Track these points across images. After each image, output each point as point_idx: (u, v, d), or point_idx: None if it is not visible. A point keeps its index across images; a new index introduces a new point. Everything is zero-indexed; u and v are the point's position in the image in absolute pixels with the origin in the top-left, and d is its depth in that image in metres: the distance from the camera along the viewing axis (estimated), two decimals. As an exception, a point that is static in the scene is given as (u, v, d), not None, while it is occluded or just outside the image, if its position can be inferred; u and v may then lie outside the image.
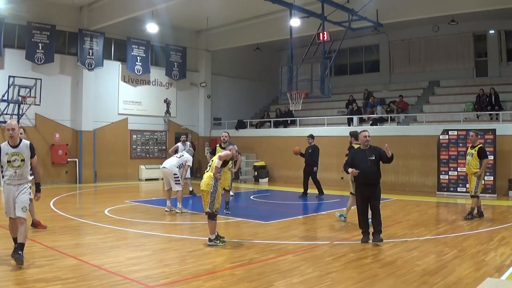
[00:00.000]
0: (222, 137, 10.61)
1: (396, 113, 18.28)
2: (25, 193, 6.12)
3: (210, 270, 5.84)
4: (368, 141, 7.48)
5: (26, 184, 6.20)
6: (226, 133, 10.70)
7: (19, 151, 6.15)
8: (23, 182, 6.15)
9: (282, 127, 21.02)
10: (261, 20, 19.42)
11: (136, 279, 5.35)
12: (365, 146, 7.51)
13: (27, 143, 6.32)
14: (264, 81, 24.77)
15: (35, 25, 16.96)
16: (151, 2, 15.85)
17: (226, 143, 10.17)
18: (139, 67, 20.06)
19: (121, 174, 19.56)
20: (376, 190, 7.43)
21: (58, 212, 10.62)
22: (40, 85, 16.55)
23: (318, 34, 14.31)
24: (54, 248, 6.84)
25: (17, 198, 6.00)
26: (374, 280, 5.45)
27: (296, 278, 5.51)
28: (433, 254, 6.68)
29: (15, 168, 6.08)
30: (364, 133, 7.55)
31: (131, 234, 8.27)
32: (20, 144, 6.19)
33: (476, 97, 16.87)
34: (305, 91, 13.27)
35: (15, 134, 6.10)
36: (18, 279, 5.27)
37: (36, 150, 6.63)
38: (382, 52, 22.69)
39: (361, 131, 7.83)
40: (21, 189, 6.08)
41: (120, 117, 19.76)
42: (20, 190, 6.07)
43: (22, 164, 6.16)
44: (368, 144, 7.51)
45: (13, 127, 6.08)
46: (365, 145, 7.51)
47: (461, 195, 14.37)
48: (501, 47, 19.27)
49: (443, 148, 15.03)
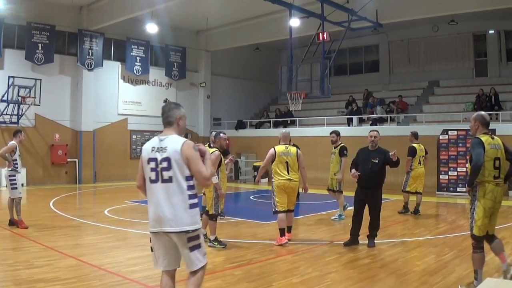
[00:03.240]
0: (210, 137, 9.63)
1: (395, 113, 18.29)
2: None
3: (210, 270, 5.83)
4: (373, 142, 7.19)
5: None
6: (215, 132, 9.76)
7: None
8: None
9: (281, 127, 20.99)
10: (261, 20, 19.42)
11: (136, 279, 5.35)
12: (372, 147, 7.23)
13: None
14: (264, 81, 24.76)
15: (35, 25, 16.96)
16: (151, 2, 15.85)
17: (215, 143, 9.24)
18: (138, 67, 20.06)
19: (121, 175, 19.54)
20: (375, 194, 7.12)
21: (58, 212, 10.61)
22: (40, 85, 16.55)
23: (317, 34, 14.30)
24: (54, 248, 6.83)
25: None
26: (374, 280, 5.45)
27: (296, 278, 5.51)
28: (433, 254, 6.68)
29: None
30: (370, 133, 7.28)
31: (131, 234, 8.27)
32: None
33: (476, 97, 16.89)
34: (305, 91, 13.26)
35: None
36: (18, 279, 5.27)
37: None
38: (381, 52, 22.71)
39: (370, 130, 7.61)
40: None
41: (120, 117, 19.76)
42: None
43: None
44: (376, 145, 7.23)
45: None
46: (372, 146, 7.23)
47: (461, 195, 14.36)
48: (501, 47, 19.29)
49: (443, 148, 15.04)
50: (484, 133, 4.96)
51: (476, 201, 4.84)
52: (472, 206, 4.92)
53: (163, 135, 3.78)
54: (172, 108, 3.81)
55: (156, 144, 3.74)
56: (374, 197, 7.12)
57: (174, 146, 3.65)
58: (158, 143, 3.73)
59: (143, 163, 3.80)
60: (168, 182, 3.65)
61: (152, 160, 3.71)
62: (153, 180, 3.73)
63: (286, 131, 8.00)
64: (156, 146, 3.73)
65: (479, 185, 4.81)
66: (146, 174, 3.79)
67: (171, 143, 3.68)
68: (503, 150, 4.93)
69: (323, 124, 19.13)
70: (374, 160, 7.06)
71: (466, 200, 13.55)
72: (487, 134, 4.95)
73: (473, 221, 4.89)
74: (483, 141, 4.82)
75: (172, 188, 3.65)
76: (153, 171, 3.71)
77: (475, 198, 4.87)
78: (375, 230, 7.20)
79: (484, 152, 4.76)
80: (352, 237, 7.25)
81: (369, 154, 7.20)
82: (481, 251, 4.93)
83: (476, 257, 4.95)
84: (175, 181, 3.65)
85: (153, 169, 3.71)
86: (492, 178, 4.79)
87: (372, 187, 7.09)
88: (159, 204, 3.70)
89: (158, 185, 3.70)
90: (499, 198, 4.85)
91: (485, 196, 4.78)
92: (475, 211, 4.85)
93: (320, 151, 14.20)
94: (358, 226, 7.25)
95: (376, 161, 7.03)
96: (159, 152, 3.69)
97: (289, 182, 7.29)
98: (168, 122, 3.80)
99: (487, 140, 4.84)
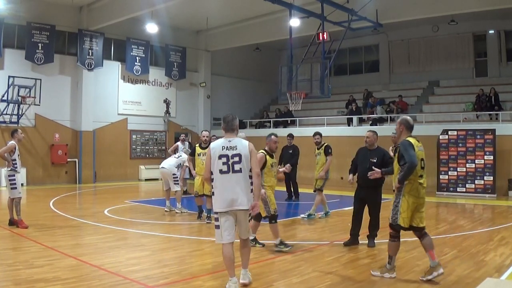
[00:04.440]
0: (202, 137, 9.46)
1: (395, 113, 18.28)
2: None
3: (210, 270, 5.83)
4: (366, 142, 7.20)
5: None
6: (206, 132, 9.53)
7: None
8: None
9: (282, 127, 21.00)
10: (261, 20, 19.43)
11: (136, 279, 5.35)
12: (369, 146, 7.22)
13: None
14: (264, 81, 24.77)
15: (35, 25, 16.96)
16: (150, 2, 15.85)
17: (206, 143, 9.16)
18: (138, 67, 20.06)
19: (121, 174, 19.55)
20: (374, 194, 7.10)
21: (58, 212, 10.61)
22: (40, 85, 16.55)
23: (317, 34, 14.30)
24: (54, 248, 6.83)
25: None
26: (374, 280, 5.45)
27: (296, 278, 5.51)
28: (433, 254, 6.67)
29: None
30: (366, 133, 7.34)
31: (131, 234, 8.27)
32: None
33: (476, 97, 16.88)
34: (305, 91, 13.26)
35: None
36: (18, 279, 5.27)
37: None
38: (381, 52, 22.71)
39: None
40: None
41: (119, 117, 19.76)
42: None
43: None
44: (372, 145, 7.21)
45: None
46: (369, 146, 7.22)
47: (461, 195, 14.38)
48: (501, 47, 19.28)
49: (443, 148, 15.04)
50: (410, 136, 5.42)
51: (402, 196, 5.34)
52: (397, 200, 5.41)
53: (228, 137, 5.03)
54: (234, 119, 5.10)
55: (226, 144, 4.96)
56: (373, 196, 7.11)
57: (243, 145, 4.97)
58: (228, 143, 4.97)
59: (213, 159, 4.94)
60: (238, 173, 4.90)
61: (224, 156, 4.91)
62: (224, 171, 4.89)
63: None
64: (226, 146, 4.95)
65: (407, 182, 5.29)
66: (217, 167, 4.92)
67: (239, 143, 4.97)
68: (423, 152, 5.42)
69: (323, 124, 19.12)
70: (372, 159, 7.04)
71: (466, 200, 13.57)
72: (412, 137, 5.42)
73: (397, 212, 5.40)
74: (412, 143, 5.27)
75: (240, 177, 4.90)
76: (225, 164, 4.90)
77: (400, 194, 5.37)
78: (375, 230, 7.21)
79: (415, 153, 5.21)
80: (352, 237, 7.26)
81: (368, 153, 7.21)
82: (398, 240, 5.48)
83: (393, 245, 5.51)
84: (243, 171, 4.91)
85: (224, 163, 4.90)
86: (418, 177, 5.30)
87: (372, 187, 7.06)
88: (232, 190, 4.87)
89: (230, 175, 4.89)
90: (422, 194, 5.37)
91: (410, 193, 5.30)
92: (399, 204, 5.37)
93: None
94: (358, 226, 7.25)
95: (374, 160, 7.01)
96: (230, 150, 4.93)
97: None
98: (232, 128, 5.07)
99: (414, 142, 5.32)
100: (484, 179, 14.24)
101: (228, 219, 4.94)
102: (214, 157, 4.94)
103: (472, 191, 14.37)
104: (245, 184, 4.93)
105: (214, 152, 4.96)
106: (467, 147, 14.63)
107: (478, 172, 14.34)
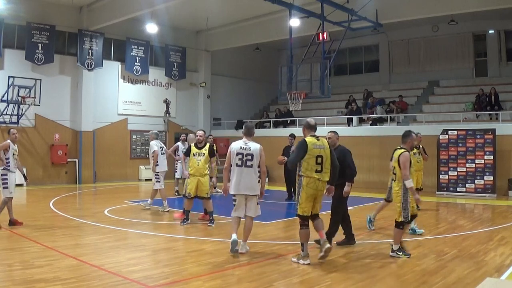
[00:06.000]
0: (197, 137, 9.07)
1: (395, 113, 18.28)
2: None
3: (210, 270, 5.83)
4: (329, 143, 6.65)
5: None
6: (201, 132, 9.12)
7: None
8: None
9: (281, 127, 21.00)
10: (261, 20, 19.42)
11: (136, 279, 5.35)
12: (333, 146, 6.87)
13: None
14: (264, 81, 24.77)
15: (35, 25, 16.96)
16: (150, 2, 15.85)
17: (202, 143, 8.96)
18: (138, 67, 20.06)
19: (121, 175, 19.55)
20: (336, 193, 6.78)
21: (58, 212, 10.61)
22: (40, 85, 16.54)
23: (317, 34, 14.30)
24: (54, 248, 6.83)
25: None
26: (374, 280, 5.45)
27: (296, 278, 5.51)
28: (433, 254, 6.68)
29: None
30: (327, 134, 7.15)
31: (131, 234, 8.27)
32: None
33: (476, 97, 16.89)
34: (305, 91, 13.26)
35: None
36: (18, 279, 5.27)
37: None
38: (381, 52, 22.70)
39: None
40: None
41: (119, 117, 19.76)
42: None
43: None
44: (334, 144, 7.03)
45: None
46: (332, 145, 6.87)
47: (461, 195, 14.39)
48: (501, 47, 19.29)
49: (443, 148, 15.04)
50: (311, 135, 6.16)
51: (301, 188, 6.02)
52: (298, 191, 6.10)
53: (246, 140, 6.71)
54: (252, 127, 6.91)
55: (243, 145, 6.65)
56: (334, 195, 6.87)
57: (256, 147, 6.67)
58: (244, 145, 6.65)
59: (232, 155, 6.60)
60: (249, 167, 6.58)
61: (240, 154, 6.59)
62: (239, 165, 6.58)
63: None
64: (243, 146, 6.63)
65: (304, 176, 6.00)
66: (234, 161, 6.59)
67: (253, 145, 6.68)
68: (328, 150, 6.15)
69: (323, 124, 19.06)
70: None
71: (466, 200, 13.57)
72: (313, 136, 6.15)
73: (297, 203, 6.10)
74: (307, 142, 6.03)
75: (251, 171, 6.59)
76: (240, 160, 6.57)
77: (300, 186, 6.04)
78: (328, 230, 6.92)
79: (307, 151, 5.96)
80: (345, 236, 7.31)
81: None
82: (307, 228, 6.13)
83: (302, 233, 6.15)
84: (253, 167, 6.60)
85: (240, 159, 6.58)
86: (314, 172, 5.99)
87: (337, 185, 6.87)
88: (245, 180, 6.54)
89: (243, 168, 6.57)
90: (320, 187, 6.05)
91: (307, 185, 5.98)
92: (299, 195, 6.05)
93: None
94: (344, 224, 7.28)
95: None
96: (245, 150, 6.61)
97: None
98: (250, 134, 6.78)
99: (311, 141, 6.05)
100: (484, 179, 14.25)
101: (241, 201, 6.60)
102: (233, 154, 6.57)
103: (472, 191, 14.37)
104: (254, 176, 6.56)
105: (233, 150, 6.61)
106: (467, 147, 14.64)
107: (478, 172, 14.35)
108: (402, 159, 6.38)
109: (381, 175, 16.46)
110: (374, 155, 16.62)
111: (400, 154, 6.48)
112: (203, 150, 8.88)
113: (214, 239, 7.73)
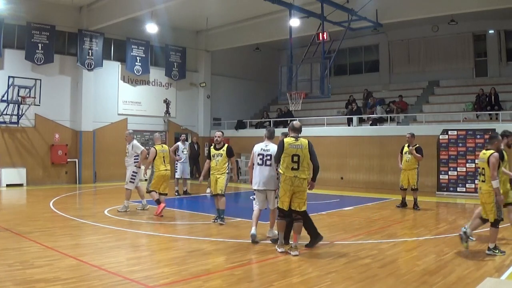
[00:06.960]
0: (215, 137, 9.27)
1: (395, 113, 18.28)
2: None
3: (210, 270, 5.83)
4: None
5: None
6: (220, 133, 9.25)
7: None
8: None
9: (282, 127, 20.99)
10: (261, 20, 19.42)
11: (136, 279, 5.35)
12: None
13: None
14: (264, 81, 24.77)
15: (35, 25, 16.96)
16: (150, 2, 15.85)
17: (220, 144, 9.14)
18: (139, 67, 20.06)
19: (121, 175, 19.38)
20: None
21: (58, 212, 10.61)
22: (40, 85, 16.52)
23: (317, 34, 14.30)
24: (54, 248, 6.83)
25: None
26: (374, 280, 5.45)
27: (296, 278, 5.51)
28: (433, 254, 6.68)
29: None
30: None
31: (131, 234, 8.27)
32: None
33: (476, 97, 16.89)
34: (305, 91, 13.26)
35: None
36: (18, 279, 5.26)
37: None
38: (381, 52, 22.70)
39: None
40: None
41: (119, 117, 19.75)
42: None
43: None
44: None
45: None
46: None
47: (461, 195, 14.38)
48: (501, 47, 19.28)
49: (443, 148, 15.03)
50: (291, 136, 6.76)
51: (280, 183, 6.68)
52: (278, 187, 6.77)
53: (266, 142, 7.47)
54: (273, 132, 7.70)
55: (263, 147, 7.41)
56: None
57: (274, 149, 7.12)
58: (265, 146, 7.40)
59: (254, 155, 7.42)
60: (269, 166, 7.27)
61: (261, 154, 7.35)
62: (260, 164, 7.33)
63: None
64: (263, 148, 7.40)
65: (282, 174, 6.62)
66: (256, 161, 7.37)
67: (272, 147, 7.32)
68: (306, 149, 6.61)
69: (323, 124, 19.13)
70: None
71: (466, 200, 13.57)
72: (293, 137, 6.72)
73: (277, 197, 6.83)
74: (284, 142, 6.65)
75: (270, 169, 7.26)
76: (261, 159, 7.33)
77: (279, 181, 6.76)
78: (286, 228, 6.96)
79: (283, 150, 6.58)
80: (310, 236, 7.18)
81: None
82: (282, 219, 6.72)
83: (279, 223, 6.79)
84: (272, 165, 7.23)
85: (261, 159, 7.33)
86: (290, 170, 6.56)
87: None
88: (264, 177, 7.25)
89: (263, 167, 7.30)
90: (297, 183, 6.54)
91: (284, 182, 6.58)
92: (279, 190, 6.69)
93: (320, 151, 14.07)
94: (306, 225, 7.09)
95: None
96: (265, 151, 7.36)
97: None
98: (271, 137, 7.56)
99: (288, 141, 6.65)
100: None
101: (261, 195, 7.39)
102: (255, 154, 7.41)
103: (472, 191, 14.33)
104: (273, 173, 7.22)
105: (255, 151, 7.45)
106: (467, 147, 14.64)
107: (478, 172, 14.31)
108: (492, 160, 6.60)
109: (381, 175, 16.47)
110: (374, 155, 16.57)
111: (490, 155, 6.68)
112: (221, 151, 9.09)
113: (214, 239, 7.73)
